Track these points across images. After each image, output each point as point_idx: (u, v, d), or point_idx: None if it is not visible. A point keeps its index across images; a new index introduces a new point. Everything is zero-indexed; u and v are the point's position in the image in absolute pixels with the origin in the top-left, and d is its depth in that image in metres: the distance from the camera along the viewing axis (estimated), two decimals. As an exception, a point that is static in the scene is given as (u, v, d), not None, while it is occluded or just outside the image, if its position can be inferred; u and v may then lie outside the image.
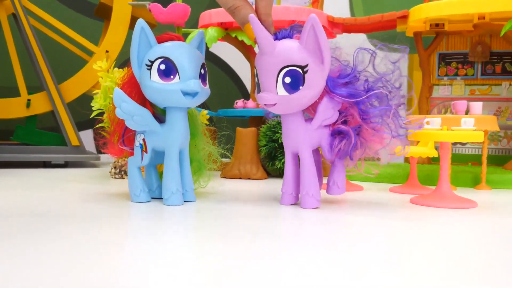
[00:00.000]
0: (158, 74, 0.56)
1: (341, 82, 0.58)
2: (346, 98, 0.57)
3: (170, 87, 0.56)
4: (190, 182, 0.62)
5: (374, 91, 0.57)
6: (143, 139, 0.60)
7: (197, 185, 0.67)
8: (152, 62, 0.56)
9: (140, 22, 0.57)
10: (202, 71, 0.59)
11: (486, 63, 1.05)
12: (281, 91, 0.55)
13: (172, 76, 0.56)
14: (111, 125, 0.64)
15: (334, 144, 0.59)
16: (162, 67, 0.56)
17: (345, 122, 0.60)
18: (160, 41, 0.59)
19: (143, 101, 0.60)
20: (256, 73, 0.58)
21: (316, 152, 0.63)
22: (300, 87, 0.55)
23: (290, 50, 0.55)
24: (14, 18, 1.17)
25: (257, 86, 0.61)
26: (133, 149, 0.62)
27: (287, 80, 0.54)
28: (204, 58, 0.61)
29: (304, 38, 0.54)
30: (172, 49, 0.57)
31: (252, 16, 0.53)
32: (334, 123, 0.60)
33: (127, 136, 0.63)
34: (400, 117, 0.59)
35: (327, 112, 0.58)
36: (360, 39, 1.45)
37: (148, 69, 0.56)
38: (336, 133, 0.59)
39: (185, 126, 0.59)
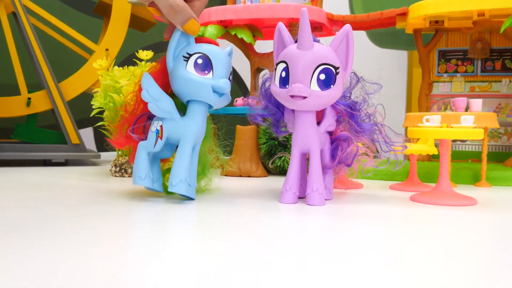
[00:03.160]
0: (194, 66, 0.58)
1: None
2: (346, 108, 0.62)
3: (204, 80, 0.58)
4: (194, 179, 0.62)
5: (367, 111, 0.63)
6: (161, 126, 0.61)
7: (198, 187, 0.67)
8: (190, 55, 0.59)
9: None
10: (230, 78, 0.62)
11: (486, 60, 1.05)
12: (314, 86, 0.57)
13: (206, 71, 0.59)
14: (125, 113, 0.65)
15: (337, 150, 0.63)
16: (199, 61, 0.58)
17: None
18: (198, 42, 0.61)
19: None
20: (284, 67, 0.59)
21: (303, 156, 0.64)
22: (331, 86, 0.57)
23: (328, 50, 0.58)
24: (14, 16, 1.17)
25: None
26: (140, 139, 0.63)
27: (322, 77, 0.57)
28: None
29: (337, 43, 0.58)
30: (210, 49, 0.60)
31: (305, 10, 0.56)
32: (334, 132, 0.64)
33: (137, 126, 0.64)
34: (387, 135, 0.64)
35: (331, 119, 0.62)
36: (360, 36, 1.46)
37: (185, 60, 0.59)
38: (337, 141, 0.63)
39: (203, 122, 0.61)
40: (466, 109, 0.85)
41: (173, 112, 0.60)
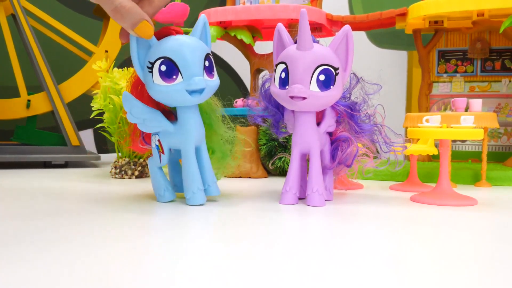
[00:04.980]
0: (160, 76, 0.53)
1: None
2: (346, 109, 0.61)
3: (174, 87, 0.53)
4: (212, 176, 0.61)
5: (367, 111, 0.63)
6: (158, 140, 0.59)
7: (220, 175, 0.66)
8: (153, 64, 0.54)
9: None
10: (207, 63, 0.56)
11: (485, 60, 1.05)
12: (314, 87, 0.56)
13: (174, 77, 0.53)
14: (131, 124, 0.63)
15: (337, 151, 0.62)
16: (163, 68, 0.53)
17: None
18: (158, 36, 0.56)
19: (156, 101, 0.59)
20: (284, 68, 0.58)
21: (303, 157, 0.64)
22: (331, 87, 0.57)
23: (327, 51, 0.58)
24: (13, 18, 1.17)
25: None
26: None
27: (322, 77, 0.56)
28: (209, 47, 0.58)
29: (336, 44, 0.58)
30: (171, 47, 0.54)
31: (304, 10, 0.55)
32: (334, 132, 0.64)
33: (147, 134, 0.62)
34: (387, 136, 0.63)
35: (331, 119, 0.62)
36: (360, 36, 1.45)
37: (149, 71, 0.54)
38: (337, 142, 0.63)
39: (197, 123, 0.58)
40: (466, 109, 0.85)
41: (164, 124, 0.57)
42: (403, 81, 1.54)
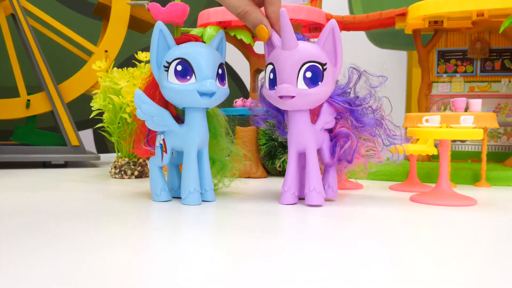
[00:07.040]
0: (175, 75, 0.57)
1: (337, 92, 0.61)
2: (344, 104, 0.60)
3: (187, 87, 0.56)
4: (209, 182, 0.62)
5: (367, 104, 0.62)
6: (163, 139, 0.61)
7: (222, 185, 0.68)
8: (169, 63, 0.57)
9: (159, 25, 0.58)
10: (220, 71, 0.59)
11: (485, 60, 1.05)
12: (301, 84, 0.56)
13: (188, 77, 0.57)
14: (138, 126, 0.65)
15: (336, 147, 0.61)
16: (179, 68, 0.56)
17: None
18: (178, 42, 0.59)
19: (166, 102, 0.62)
20: (272, 68, 0.58)
21: (302, 156, 0.63)
22: (319, 83, 0.56)
23: (312, 47, 0.57)
24: (13, 18, 1.17)
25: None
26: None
27: (308, 74, 0.56)
28: (223, 59, 0.62)
29: (323, 40, 0.58)
30: (188, 50, 0.57)
31: (284, 10, 0.55)
32: (334, 129, 0.63)
33: (151, 136, 0.64)
34: (389, 129, 0.63)
35: (328, 116, 0.61)
36: (359, 36, 1.46)
37: (165, 70, 0.57)
38: (336, 138, 0.62)
39: (203, 126, 0.60)
40: (466, 109, 0.85)
41: (170, 124, 0.59)
42: (403, 81, 1.54)
